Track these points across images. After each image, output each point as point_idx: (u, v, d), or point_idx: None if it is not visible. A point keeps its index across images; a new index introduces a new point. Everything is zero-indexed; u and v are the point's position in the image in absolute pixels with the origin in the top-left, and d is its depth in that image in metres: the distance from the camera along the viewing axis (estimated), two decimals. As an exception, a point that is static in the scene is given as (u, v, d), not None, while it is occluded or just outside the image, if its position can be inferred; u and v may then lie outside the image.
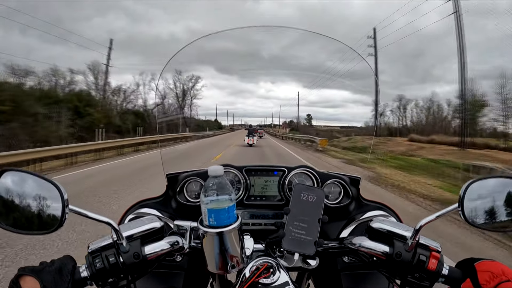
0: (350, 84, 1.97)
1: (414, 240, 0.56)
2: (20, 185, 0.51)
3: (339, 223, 0.81)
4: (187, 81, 26.28)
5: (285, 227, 0.64)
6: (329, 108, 19.51)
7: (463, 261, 0.57)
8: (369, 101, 21.18)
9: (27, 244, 2.91)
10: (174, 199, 0.85)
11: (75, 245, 2.86)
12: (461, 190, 0.56)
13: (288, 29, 0.92)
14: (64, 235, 3.07)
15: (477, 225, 0.57)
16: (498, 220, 0.57)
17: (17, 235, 1.38)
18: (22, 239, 2.95)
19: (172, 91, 25.73)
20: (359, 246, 0.62)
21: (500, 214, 0.57)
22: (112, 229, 0.54)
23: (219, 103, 23.47)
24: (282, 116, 15.07)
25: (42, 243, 2.94)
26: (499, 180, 0.58)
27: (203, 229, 0.54)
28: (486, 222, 0.57)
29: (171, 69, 0.94)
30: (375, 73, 15.87)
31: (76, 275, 0.52)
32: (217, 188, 0.53)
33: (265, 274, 0.57)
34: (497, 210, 0.57)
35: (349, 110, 24.61)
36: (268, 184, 0.89)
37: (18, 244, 2.91)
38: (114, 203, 4.48)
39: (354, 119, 32.05)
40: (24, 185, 0.51)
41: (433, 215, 0.57)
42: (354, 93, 15.40)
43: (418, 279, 0.56)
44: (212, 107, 14.94)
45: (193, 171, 0.88)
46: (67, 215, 0.51)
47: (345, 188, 0.85)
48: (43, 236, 3.00)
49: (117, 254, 0.54)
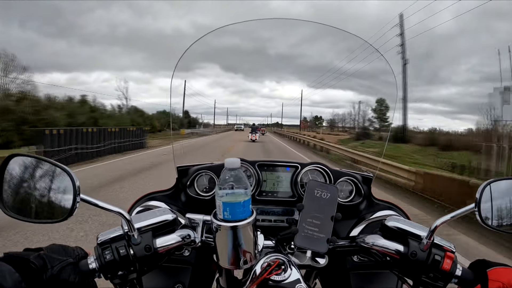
0: (360, 83, 1.96)
1: (430, 240, 0.56)
2: (29, 171, 0.49)
3: (349, 221, 0.80)
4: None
5: (298, 224, 0.63)
6: (332, 108, 20.10)
7: (476, 262, 0.57)
8: (373, 102, 21.36)
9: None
10: (184, 193, 0.83)
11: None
12: (478, 190, 0.56)
13: (298, 23, 0.91)
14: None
15: (494, 227, 0.56)
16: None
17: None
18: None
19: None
20: (373, 245, 0.61)
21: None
22: (124, 219, 0.52)
23: (221, 102, 23.50)
24: (284, 116, 15.09)
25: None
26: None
27: (217, 222, 0.53)
28: (504, 224, 0.56)
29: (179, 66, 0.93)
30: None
31: (84, 266, 0.50)
32: (234, 181, 0.52)
33: (277, 270, 0.56)
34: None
35: (352, 111, 25.08)
36: (280, 179, 0.87)
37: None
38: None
39: (356, 119, 32.83)
40: (34, 171, 0.49)
41: (449, 215, 0.57)
42: (359, 94, 15.56)
43: (432, 279, 0.56)
44: (211, 105, 14.77)
45: (204, 164, 0.86)
46: (78, 204, 0.49)
47: (357, 186, 0.84)
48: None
49: (127, 246, 0.52)
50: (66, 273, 0.47)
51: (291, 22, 0.94)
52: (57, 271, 0.46)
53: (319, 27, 0.88)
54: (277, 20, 0.99)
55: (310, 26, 0.89)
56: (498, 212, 0.56)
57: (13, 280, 0.41)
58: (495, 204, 0.56)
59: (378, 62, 0.86)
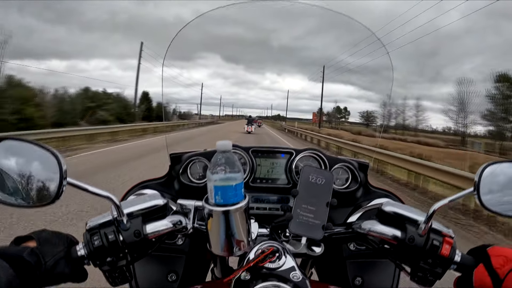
0: (360, 78, 1.94)
1: (428, 224, 0.55)
2: (15, 154, 0.48)
3: (345, 209, 0.79)
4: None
5: (293, 210, 0.61)
6: (332, 103, 19.33)
7: (475, 249, 0.56)
8: (374, 98, 20.82)
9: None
10: (177, 180, 0.82)
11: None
12: (477, 173, 0.54)
13: (303, 12, 0.89)
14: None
15: (494, 211, 0.55)
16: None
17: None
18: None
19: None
20: (369, 231, 0.60)
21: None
22: (113, 204, 0.51)
23: (221, 93, 22.09)
24: (281, 109, 14.99)
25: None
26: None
27: (209, 207, 0.51)
28: (504, 207, 0.55)
29: (174, 53, 0.90)
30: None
31: (73, 253, 0.49)
32: (226, 163, 0.51)
33: (271, 258, 0.54)
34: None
35: (353, 106, 24.59)
36: (275, 166, 0.86)
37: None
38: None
39: (355, 115, 32.07)
40: (20, 154, 0.48)
41: (446, 199, 0.55)
42: (360, 89, 15.42)
43: (431, 265, 0.54)
44: (210, 95, 13.99)
45: (197, 151, 0.85)
46: (64, 188, 0.47)
47: (353, 173, 0.83)
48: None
49: (116, 231, 0.51)
50: (59, 266, 0.47)
51: (297, 11, 0.92)
52: (51, 266, 0.46)
53: (325, 16, 0.86)
54: (281, 8, 0.97)
55: (314, 17, 0.87)
56: (498, 196, 0.55)
57: (7, 276, 0.41)
58: (495, 187, 0.55)
59: (383, 57, 0.84)
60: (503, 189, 0.55)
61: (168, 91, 5.89)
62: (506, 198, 0.55)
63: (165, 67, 0.89)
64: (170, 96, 13.23)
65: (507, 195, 0.55)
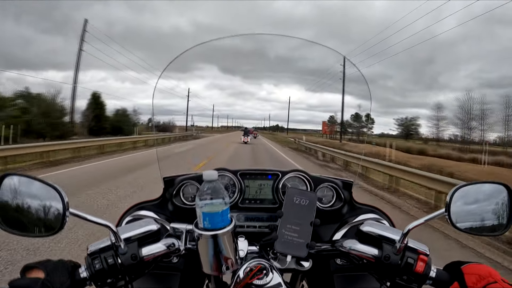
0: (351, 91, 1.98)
1: (403, 243, 0.58)
2: (22, 189, 0.53)
3: (332, 226, 0.83)
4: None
5: (278, 230, 0.65)
6: (328, 113, 19.11)
7: (451, 264, 0.59)
8: (368, 107, 20.58)
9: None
10: (171, 202, 0.87)
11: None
12: (448, 195, 0.58)
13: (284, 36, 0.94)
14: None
15: (464, 230, 0.59)
16: (484, 225, 0.59)
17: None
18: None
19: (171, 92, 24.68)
20: (350, 249, 0.64)
21: (486, 219, 0.59)
22: (111, 231, 0.56)
23: (217, 104, 21.33)
24: (278, 120, 14.46)
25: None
26: (484, 186, 0.60)
27: (198, 231, 0.56)
28: (472, 226, 0.59)
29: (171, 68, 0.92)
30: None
31: (76, 276, 0.54)
32: (212, 192, 0.55)
33: (259, 275, 0.58)
34: (483, 214, 0.59)
35: (348, 115, 24.14)
36: (263, 187, 0.91)
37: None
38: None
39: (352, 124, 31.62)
40: (26, 189, 0.53)
41: (421, 219, 0.59)
42: (356, 99, 15.12)
43: (406, 281, 0.58)
44: (205, 107, 13.75)
45: (189, 174, 0.90)
46: (67, 218, 0.53)
47: (338, 191, 0.87)
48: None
49: (115, 255, 0.56)
50: None
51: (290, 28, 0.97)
52: None
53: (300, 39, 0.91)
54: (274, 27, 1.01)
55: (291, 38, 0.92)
56: (467, 216, 0.59)
57: None
58: (465, 208, 0.59)
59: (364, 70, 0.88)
60: (472, 209, 0.59)
61: (165, 103, 5.49)
62: (476, 217, 0.59)
63: (162, 79, 0.89)
64: (164, 108, 12.19)
65: (475, 215, 0.59)
